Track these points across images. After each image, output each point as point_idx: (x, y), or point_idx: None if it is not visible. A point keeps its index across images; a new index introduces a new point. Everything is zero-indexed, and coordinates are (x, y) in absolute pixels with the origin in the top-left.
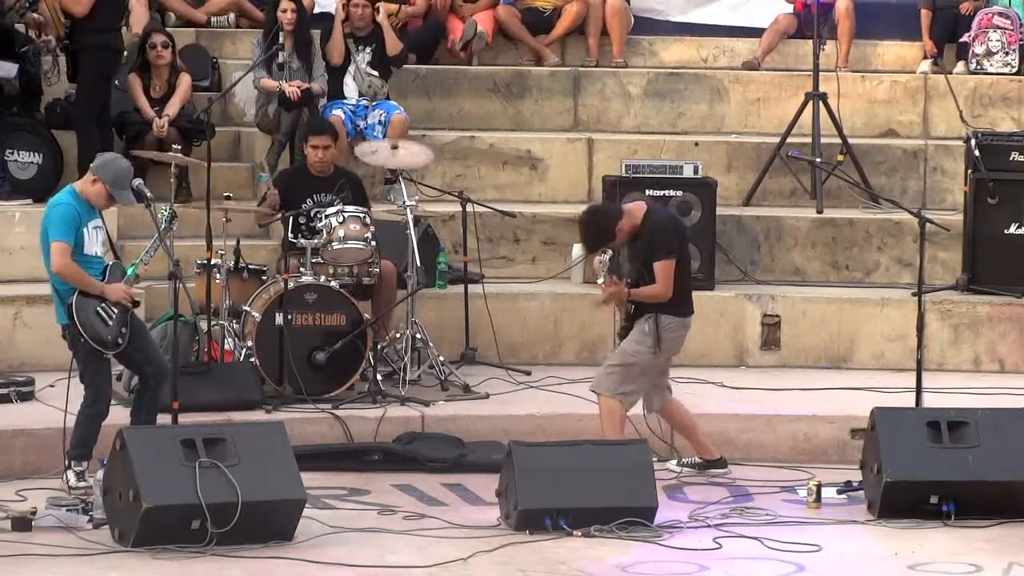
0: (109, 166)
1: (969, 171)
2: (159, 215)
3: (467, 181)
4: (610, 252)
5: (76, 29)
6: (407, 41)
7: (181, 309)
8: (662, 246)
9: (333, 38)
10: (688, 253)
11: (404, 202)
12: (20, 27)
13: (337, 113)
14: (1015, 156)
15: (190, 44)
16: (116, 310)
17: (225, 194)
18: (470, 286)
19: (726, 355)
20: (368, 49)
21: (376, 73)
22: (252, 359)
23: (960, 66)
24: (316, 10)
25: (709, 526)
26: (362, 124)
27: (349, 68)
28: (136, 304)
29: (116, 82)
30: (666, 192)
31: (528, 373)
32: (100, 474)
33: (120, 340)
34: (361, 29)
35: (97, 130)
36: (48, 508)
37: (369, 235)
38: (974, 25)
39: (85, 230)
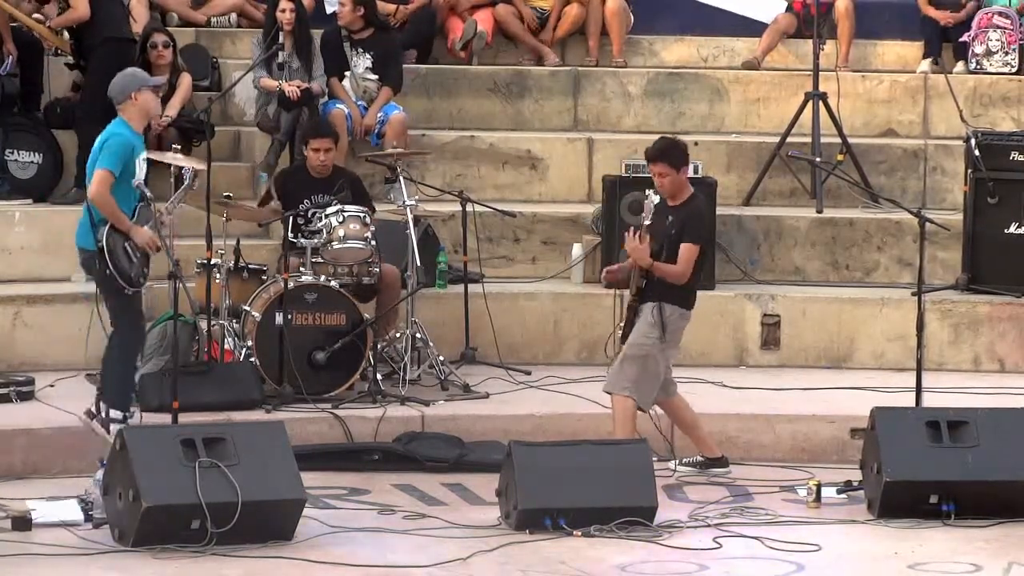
0: (133, 76)
1: (969, 171)
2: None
3: (467, 181)
4: (656, 197)
5: (82, 33)
6: (403, 37)
7: (181, 309)
8: (695, 230)
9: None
10: (707, 248)
11: (404, 202)
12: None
13: (340, 107)
14: (1015, 156)
15: (190, 44)
16: (139, 252)
17: (225, 194)
18: (470, 286)
19: (726, 355)
20: (368, 54)
21: (374, 78)
22: (252, 359)
23: (960, 66)
24: (328, 10)
25: (709, 526)
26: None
27: (346, 72)
28: (156, 250)
29: None
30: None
31: (528, 373)
32: (100, 474)
33: (142, 280)
34: (355, 33)
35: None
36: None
37: (369, 235)
38: (974, 25)
39: (137, 161)
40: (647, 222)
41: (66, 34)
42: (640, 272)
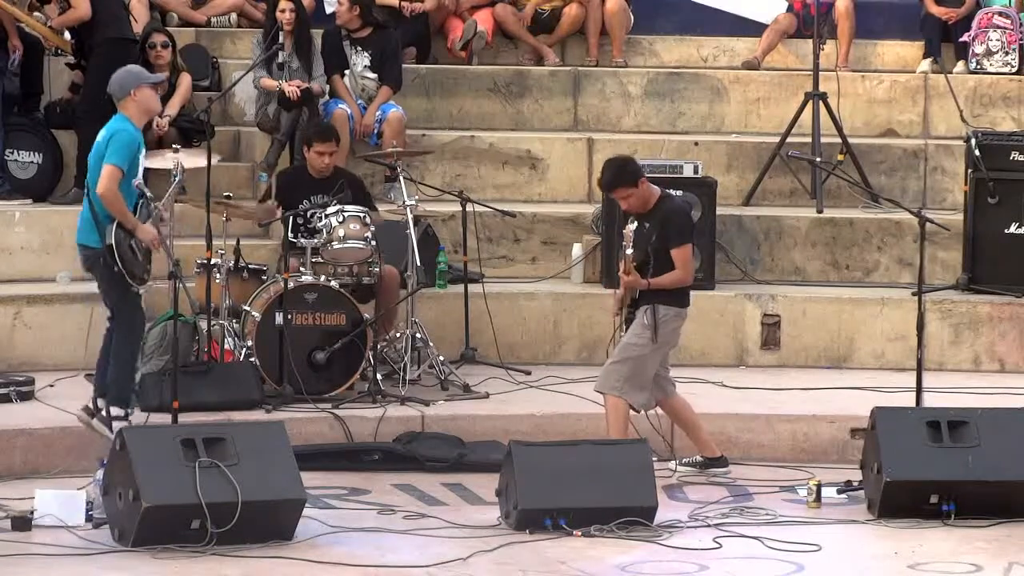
0: (130, 74)
1: (969, 171)
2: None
3: (467, 181)
4: (636, 223)
5: (83, 33)
6: (401, 36)
7: (181, 309)
8: (679, 232)
9: None
10: (695, 241)
11: (404, 202)
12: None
13: (343, 108)
14: (1015, 156)
15: (190, 44)
16: (144, 249)
17: (225, 194)
18: (470, 286)
19: (726, 355)
20: (367, 53)
21: (373, 76)
22: (252, 359)
23: (960, 66)
24: (327, 10)
25: (709, 526)
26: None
27: (346, 71)
28: (158, 247)
29: None
30: (669, 192)
31: (528, 373)
32: (100, 474)
33: (146, 276)
34: (354, 32)
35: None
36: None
37: (369, 235)
38: (974, 25)
39: (140, 157)
40: (629, 251)
41: (67, 34)
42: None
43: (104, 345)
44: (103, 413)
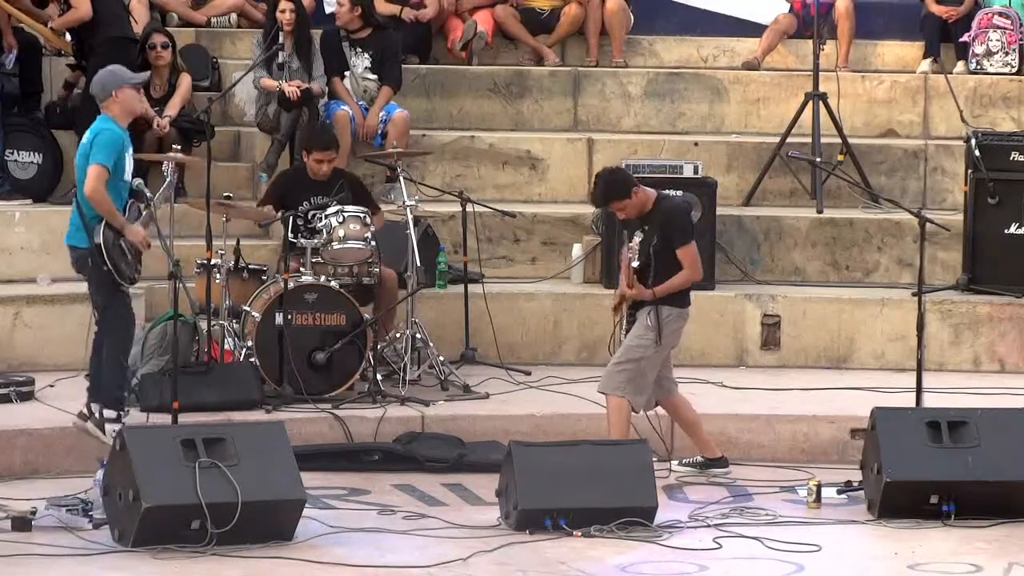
0: (113, 74)
1: (969, 171)
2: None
3: (467, 181)
4: (637, 237)
5: (83, 33)
6: (400, 36)
7: (181, 309)
8: (682, 231)
9: None
10: (697, 239)
11: (404, 202)
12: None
13: (344, 109)
14: (1015, 156)
15: (190, 44)
16: (134, 250)
17: (225, 194)
18: (470, 286)
19: (726, 355)
20: (367, 54)
21: (374, 77)
22: (252, 359)
23: (960, 66)
24: (327, 10)
25: (709, 526)
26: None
27: (346, 72)
28: (147, 246)
29: None
30: (666, 192)
31: (528, 373)
32: (100, 474)
33: (136, 276)
34: (354, 32)
35: None
36: (48, 508)
37: (369, 235)
38: (974, 25)
39: (127, 155)
40: (635, 264)
41: (67, 35)
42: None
43: (94, 349)
44: (96, 417)
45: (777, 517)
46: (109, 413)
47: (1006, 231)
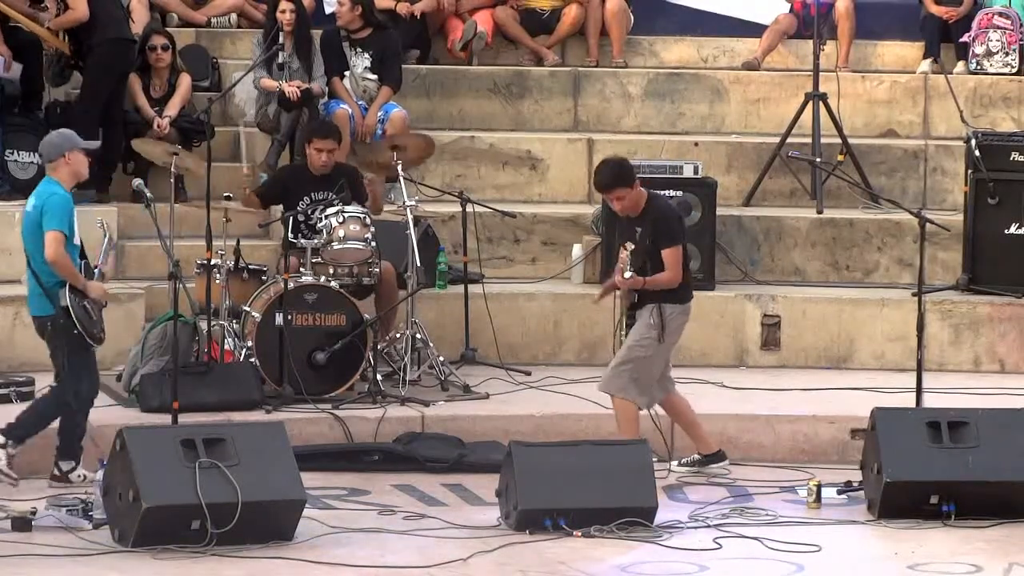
0: (66, 137)
1: (969, 171)
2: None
3: (467, 181)
4: (632, 246)
5: (81, 34)
6: (400, 35)
7: (181, 309)
8: (669, 233)
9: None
10: (685, 241)
11: (404, 202)
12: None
13: (344, 108)
14: (1015, 156)
15: (190, 44)
16: (97, 308)
17: (225, 194)
18: (470, 286)
19: (726, 355)
20: (367, 54)
21: (374, 77)
22: (252, 359)
23: (960, 66)
24: (327, 10)
25: (709, 526)
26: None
27: (346, 72)
28: (104, 304)
29: None
30: (666, 192)
31: (528, 373)
32: (100, 474)
33: (102, 335)
34: (354, 32)
35: (100, 131)
36: (48, 508)
37: (369, 235)
38: (974, 25)
39: (75, 218)
40: (628, 274)
41: (65, 36)
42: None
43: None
44: (58, 470)
45: (777, 517)
46: (66, 464)
47: (1006, 231)
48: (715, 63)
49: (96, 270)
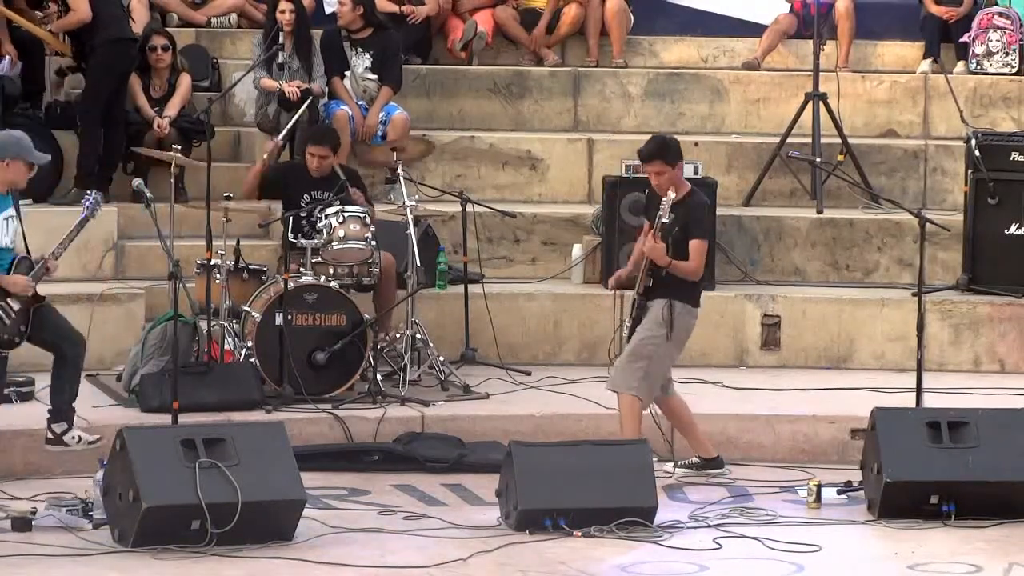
0: (18, 143)
1: (969, 171)
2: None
3: (467, 181)
4: (673, 193)
5: (83, 35)
6: (401, 36)
7: (181, 309)
8: (702, 226)
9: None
10: (711, 244)
11: (404, 202)
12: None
13: (344, 109)
14: (1015, 156)
15: (190, 44)
16: (16, 305)
17: (225, 194)
18: (470, 286)
19: (726, 355)
20: (367, 54)
21: (374, 78)
22: (252, 359)
23: (960, 66)
24: (327, 10)
25: (709, 526)
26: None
27: (346, 72)
28: (41, 299)
29: None
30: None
31: (528, 373)
32: (100, 474)
33: (17, 339)
34: (355, 33)
35: (101, 131)
36: (48, 508)
37: (369, 235)
38: (974, 25)
39: (3, 219)
40: (665, 220)
41: (65, 38)
42: (648, 270)
43: None
44: None
45: (777, 517)
46: None
47: (1006, 231)
48: (715, 63)
49: (40, 262)
